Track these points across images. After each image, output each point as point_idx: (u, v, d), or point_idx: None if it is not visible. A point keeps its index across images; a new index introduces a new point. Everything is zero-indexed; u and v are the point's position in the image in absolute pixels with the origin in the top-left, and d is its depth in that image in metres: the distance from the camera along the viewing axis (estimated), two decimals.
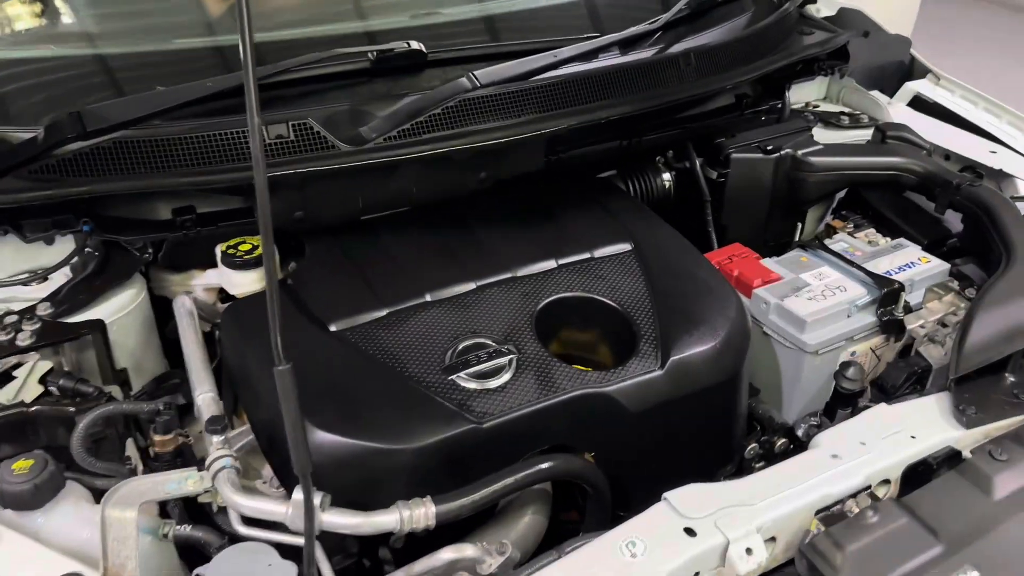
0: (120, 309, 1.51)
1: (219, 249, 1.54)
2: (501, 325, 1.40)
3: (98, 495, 1.15)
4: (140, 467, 1.24)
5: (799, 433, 1.50)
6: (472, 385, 1.29)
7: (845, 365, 1.47)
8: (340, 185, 1.61)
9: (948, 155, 2.10)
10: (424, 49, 1.80)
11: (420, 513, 1.12)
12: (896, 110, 2.27)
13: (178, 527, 1.15)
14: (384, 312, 1.40)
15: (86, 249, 1.54)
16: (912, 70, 2.45)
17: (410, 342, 1.35)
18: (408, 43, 1.79)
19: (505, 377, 1.31)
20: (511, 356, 1.34)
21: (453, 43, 1.90)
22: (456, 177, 1.73)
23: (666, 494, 1.18)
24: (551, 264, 1.54)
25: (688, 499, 1.17)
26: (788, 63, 2.07)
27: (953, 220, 2.01)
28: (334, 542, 1.27)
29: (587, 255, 1.57)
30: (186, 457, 1.24)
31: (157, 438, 1.22)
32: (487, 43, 1.94)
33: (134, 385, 1.50)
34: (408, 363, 1.32)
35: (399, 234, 1.61)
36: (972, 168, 2.03)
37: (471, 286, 1.47)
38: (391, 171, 1.64)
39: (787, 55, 2.08)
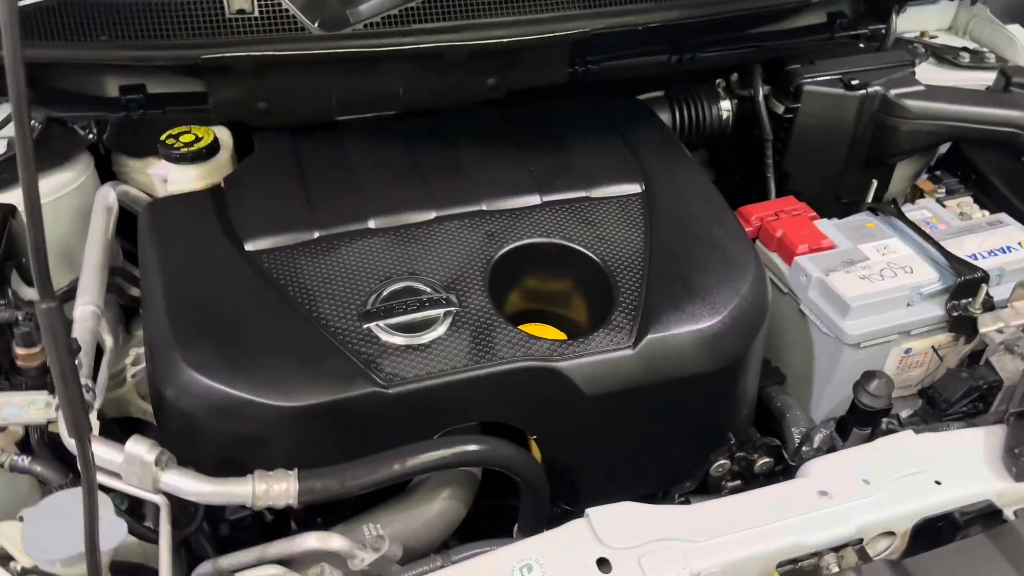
0: (52, 192, 1.35)
1: (160, 139, 1.35)
2: (449, 268, 1.16)
3: None
4: None
5: (814, 443, 1.21)
6: (392, 339, 1.07)
7: (868, 376, 1.16)
8: (310, 76, 1.39)
9: None
10: None
11: (280, 489, 0.93)
12: None
13: (16, 457, 1.00)
14: (315, 235, 1.19)
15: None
16: None
17: (333, 276, 1.13)
18: None
19: (434, 333, 1.08)
20: (448, 308, 1.10)
21: None
22: (456, 81, 1.47)
23: (589, 510, 0.94)
24: (534, 199, 1.28)
25: (614, 521, 0.93)
26: None
27: None
28: None
29: (582, 193, 1.30)
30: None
31: (19, 351, 1.06)
32: None
33: (61, 280, 1.36)
34: (322, 302, 1.10)
35: (368, 143, 1.38)
36: None
37: (430, 215, 1.24)
38: (373, 65, 1.41)
39: None
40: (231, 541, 1.08)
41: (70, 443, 0.94)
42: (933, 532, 0.99)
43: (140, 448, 0.91)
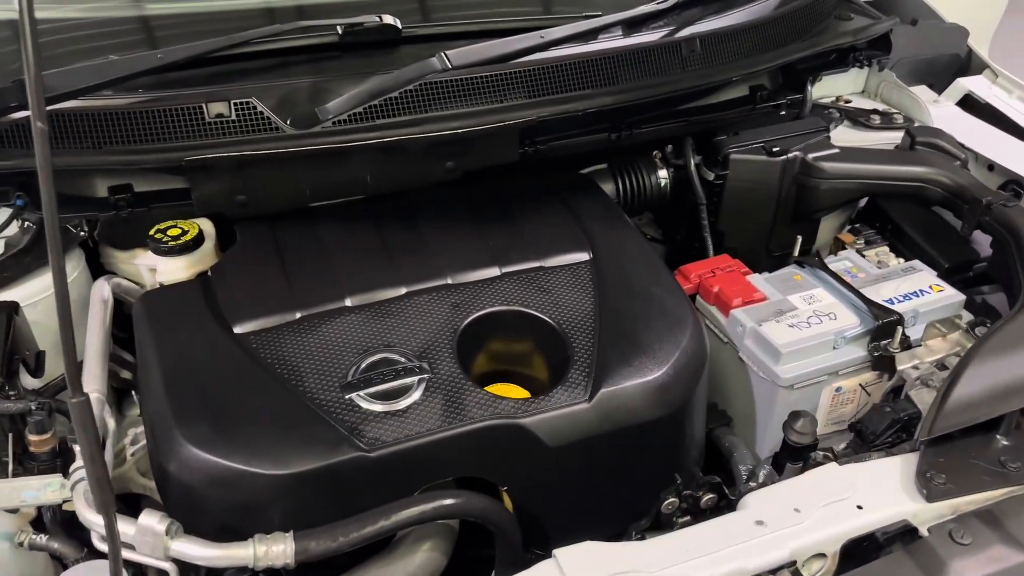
0: (48, 288, 1.45)
1: (149, 234, 1.46)
2: (420, 339, 1.29)
3: None
4: (11, 466, 1.18)
5: (759, 478, 1.34)
6: (372, 406, 1.19)
7: (794, 415, 1.30)
8: (285, 170, 1.51)
9: (992, 165, 1.86)
10: (398, 24, 1.68)
11: (278, 550, 1.03)
12: (941, 110, 2.03)
13: (35, 536, 1.09)
14: (297, 316, 1.30)
15: (23, 223, 1.49)
16: (968, 64, 2.18)
17: (315, 352, 1.25)
18: (380, 17, 1.67)
19: (410, 399, 1.20)
20: (421, 376, 1.23)
21: (433, 18, 1.77)
22: (418, 166, 1.60)
23: (556, 551, 1.05)
24: (494, 272, 1.41)
25: (580, 559, 1.04)
26: (811, 53, 1.86)
27: (985, 243, 1.79)
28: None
29: (537, 264, 1.44)
30: (67, 457, 1.18)
31: (32, 438, 1.16)
32: (470, 20, 1.79)
33: (56, 370, 1.45)
34: (307, 377, 1.22)
35: (340, 226, 1.51)
36: (1017, 183, 1.80)
37: (400, 291, 1.36)
38: (342, 158, 1.53)
39: (811, 44, 1.87)
40: None
41: (88, 520, 1.04)
42: (859, 552, 1.12)
43: (151, 520, 1.01)
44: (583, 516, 1.20)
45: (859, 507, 1.13)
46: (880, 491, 1.15)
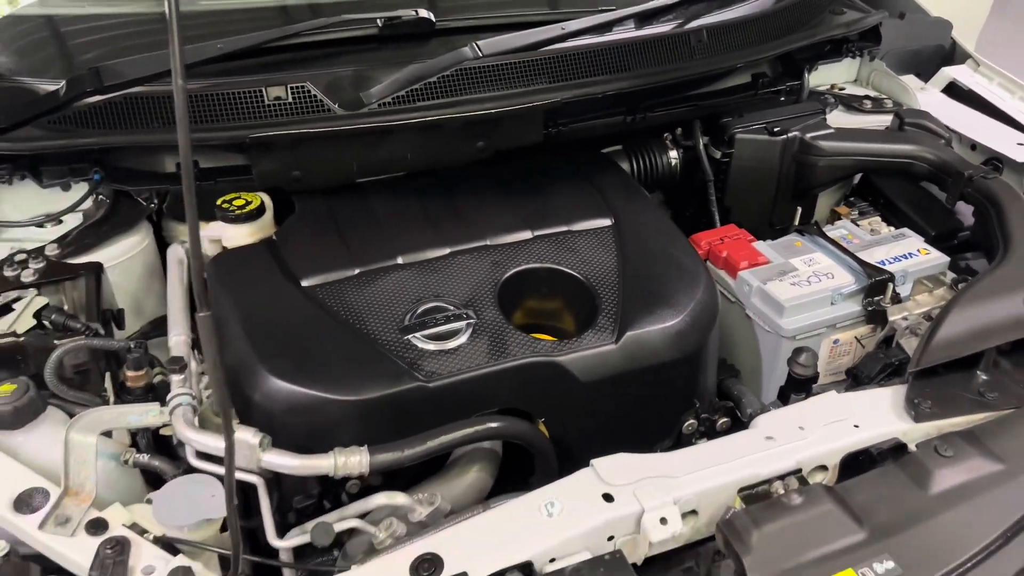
0: (123, 253, 1.62)
1: (216, 204, 1.62)
2: (465, 290, 1.45)
3: None
4: (112, 399, 1.34)
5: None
6: (426, 346, 1.35)
7: (798, 351, 1.46)
8: (335, 148, 1.68)
9: (974, 145, 2.03)
10: (432, 17, 1.84)
11: (355, 460, 1.19)
12: (928, 96, 2.20)
13: (139, 455, 1.25)
14: (356, 271, 1.47)
15: (98, 196, 1.66)
16: (953, 55, 2.36)
17: (374, 301, 1.42)
18: (416, 11, 1.84)
19: (459, 340, 1.36)
20: (468, 321, 1.39)
21: (463, 12, 1.94)
22: (452, 145, 1.77)
23: (593, 461, 1.21)
24: (527, 235, 1.58)
25: (613, 467, 1.20)
26: (808, 44, 2.03)
27: (969, 215, 1.96)
28: (296, 484, 1.35)
29: (564, 228, 1.60)
30: (158, 393, 1.34)
31: (129, 373, 1.32)
32: (496, 13, 1.96)
33: (133, 325, 1.62)
34: (369, 321, 1.38)
35: (387, 198, 1.67)
36: (997, 159, 1.97)
37: (444, 251, 1.53)
38: (385, 136, 1.70)
39: (808, 35, 2.04)
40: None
41: (188, 437, 1.19)
42: (856, 465, 1.28)
43: (246, 434, 1.17)
44: (611, 442, 1.34)
45: (856, 426, 1.29)
46: (874, 414, 1.32)
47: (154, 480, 1.30)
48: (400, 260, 1.50)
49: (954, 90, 2.24)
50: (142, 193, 1.67)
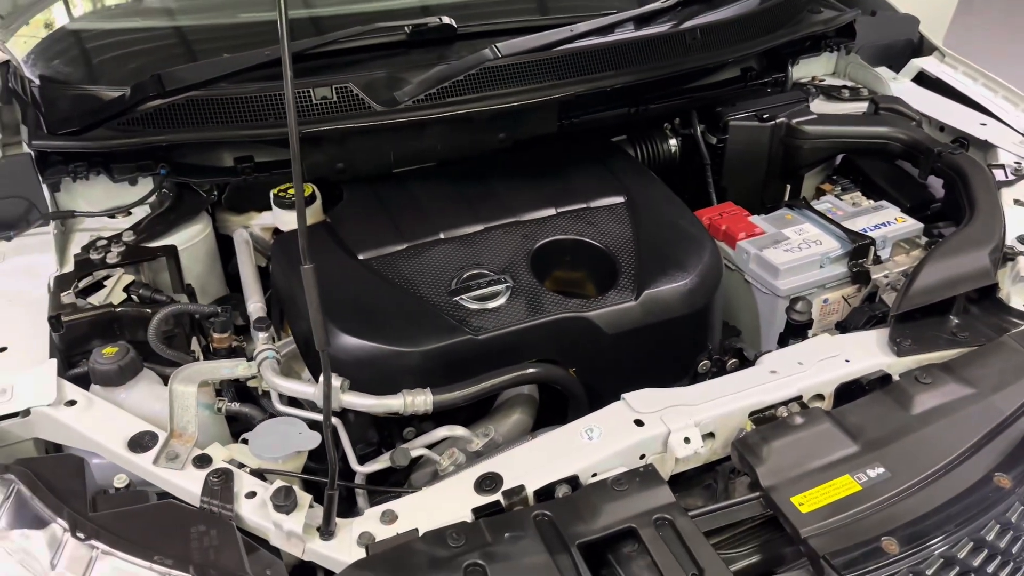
0: (189, 239, 1.81)
1: (272, 192, 1.82)
2: (501, 259, 1.65)
3: (168, 380, 1.44)
4: (202, 358, 1.53)
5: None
6: (472, 305, 1.55)
7: (795, 300, 1.68)
8: (375, 141, 1.88)
9: (943, 126, 2.26)
10: (455, 24, 2.05)
11: (420, 400, 1.39)
12: (900, 85, 2.43)
13: (230, 404, 1.44)
14: (404, 246, 1.67)
15: (163, 189, 1.84)
16: (921, 48, 2.59)
17: (423, 270, 1.62)
18: (440, 18, 2.04)
19: (500, 301, 1.56)
20: (507, 284, 1.59)
21: (481, 19, 2.15)
22: (478, 137, 1.97)
23: (624, 395, 1.41)
24: (551, 211, 1.78)
25: (641, 399, 1.40)
26: (790, 40, 2.25)
27: (939, 187, 2.18)
28: (358, 433, 1.54)
29: (583, 205, 1.81)
30: (237, 355, 1.53)
31: (215, 335, 1.51)
32: (511, 18, 2.17)
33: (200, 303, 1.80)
34: (420, 286, 1.58)
35: (424, 184, 1.88)
36: (962, 139, 2.19)
37: (479, 227, 1.73)
38: (419, 130, 1.90)
39: (790, 32, 2.26)
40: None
41: (276, 384, 1.38)
42: (848, 394, 1.49)
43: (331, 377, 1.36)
44: (635, 386, 1.53)
45: (847, 361, 1.50)
46: (862, 351, 1.53)
47: (237, 429, 1.49)
48: (442, 235, 1.70)
49: (923, 79, 2.47)
50: (203, 186, 1.87)
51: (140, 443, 1.32)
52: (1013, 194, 1.94)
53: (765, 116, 2.14)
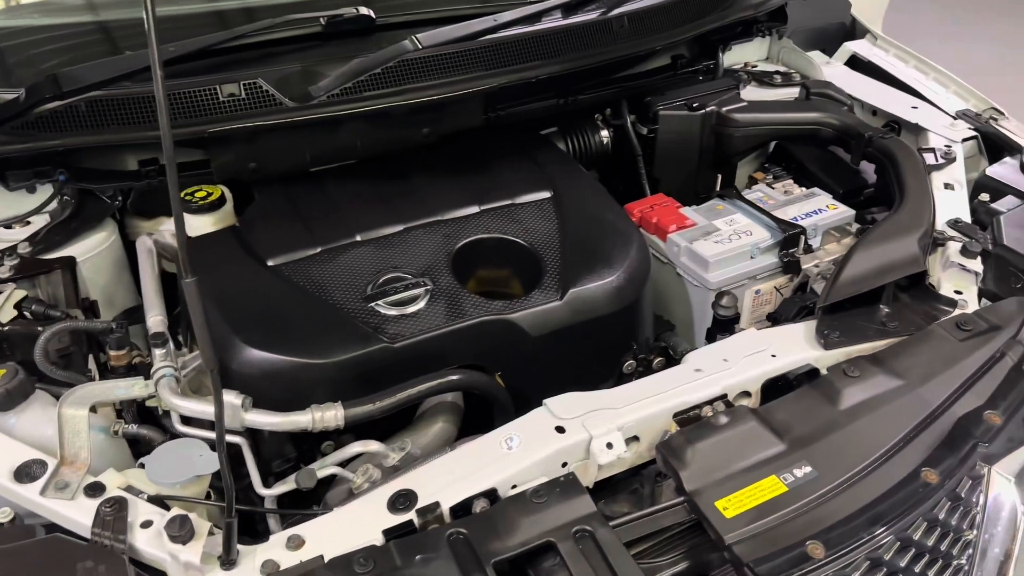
0: (92, 249, 1.71)
1: (181, 196, 1.72)
2: (421, 261, 1.59)
3: None
4: (97, 378, 1.44)
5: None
6: (389, 311, 1.48)
7: (720, 295, 1.64)
8: (288, 139, 1.79)
9: (875, 110, 2.24)
10: (372, 14, 1.97)
11: (331, 415, 1.32)
12: (833, 69, 2.40)
13: (127, 426, 1.35)
14: (318, 250, 1.59)
15: (63, 196, 1.74)
16: (854, 31, 2.57)
17: (338, 275, 1.54)
18: (357, 9, 1.96)
19: (418, 305, 1.50)
20: (426, 287, 1.52)
21: (401, 9, 2.07)
22: (399, 132, 1.90)
23: (545, 400, 1.36)
24: (474, 209, 1.71)
25: (563, 404, 1.35)
26: (720, 25, 2.21)
27: (872, 171, 2.16)
28: (274, 449, 1.46)
29: (509, 201, 1.74)
30: (139, 372, 1.44)
31: (112, 353, 1.42)
32: (433, 8, 2.09)
33: (106, 316, 1.71)
34: (334, 292, 1.51)
35: (342, 183, 1.80)
36: (893, 122, 2.17)
37: (399, 228, 1.66)
38: (335, 126, 1.82)
39: (719, 17, 2.21)
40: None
41: (174, 404, 1.30)
42: (775, 389, 1.45)
43: (230, 396, 1.28)
44: (561, 387, 1.47)
45: (773, 356, 1.46)
46: (789, 345, 1.49)
47: (139, 451, 1.41)
48: (358, 237, 1.62)
49: (856, 62, 2.45)
50: (106, 191, 1.76)
51: (27, 472, 1.24)
52: (943, 178, 1.92)
53: (695, 105, 2.09)
